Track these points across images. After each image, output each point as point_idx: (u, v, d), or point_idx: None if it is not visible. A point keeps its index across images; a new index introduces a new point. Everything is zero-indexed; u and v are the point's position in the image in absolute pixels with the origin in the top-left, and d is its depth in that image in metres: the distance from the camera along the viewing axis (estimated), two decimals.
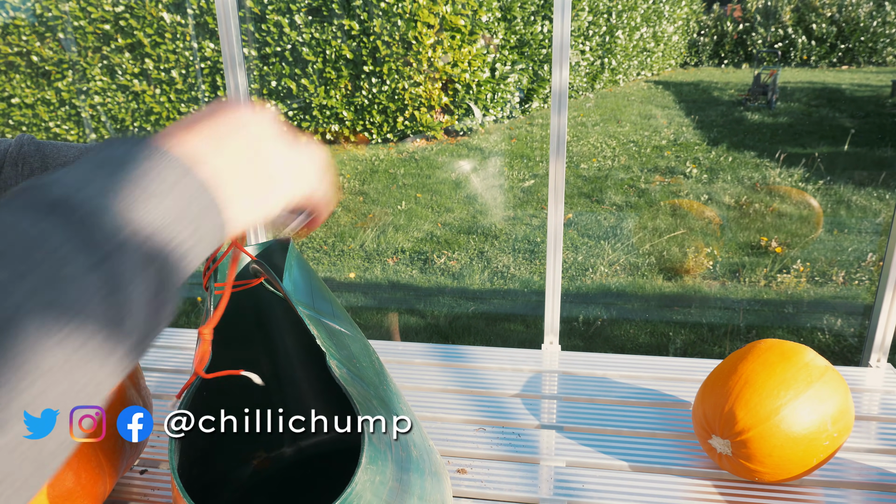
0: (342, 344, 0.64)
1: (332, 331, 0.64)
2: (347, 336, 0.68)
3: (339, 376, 0.57)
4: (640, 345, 2.57)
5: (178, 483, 0.50)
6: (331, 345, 0.60)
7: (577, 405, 0.98)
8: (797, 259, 3.32)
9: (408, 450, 0.61)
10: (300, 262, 0.66)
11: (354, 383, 0.59)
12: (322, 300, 0.67)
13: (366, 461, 0.51)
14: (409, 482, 0.58)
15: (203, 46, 6.01)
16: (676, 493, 0.79)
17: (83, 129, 6.45)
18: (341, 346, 0.63)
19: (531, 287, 3.18)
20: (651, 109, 7.35)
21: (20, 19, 6.09)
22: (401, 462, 0.58)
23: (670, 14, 10.08)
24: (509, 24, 6.25)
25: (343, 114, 5.91)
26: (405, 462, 0.59)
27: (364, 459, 0.51)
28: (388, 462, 0.55)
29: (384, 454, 0.55)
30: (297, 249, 0.66)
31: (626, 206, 4.26)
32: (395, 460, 0.57)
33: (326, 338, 0.60)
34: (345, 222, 4.14)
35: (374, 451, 0.53)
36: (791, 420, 0.72)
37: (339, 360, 0.60)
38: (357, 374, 0.62)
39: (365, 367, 0.66)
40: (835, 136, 5.84)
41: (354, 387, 0.58)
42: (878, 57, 10.37)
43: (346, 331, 0.68)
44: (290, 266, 0.62)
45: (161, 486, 0.83)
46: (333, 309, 0.69)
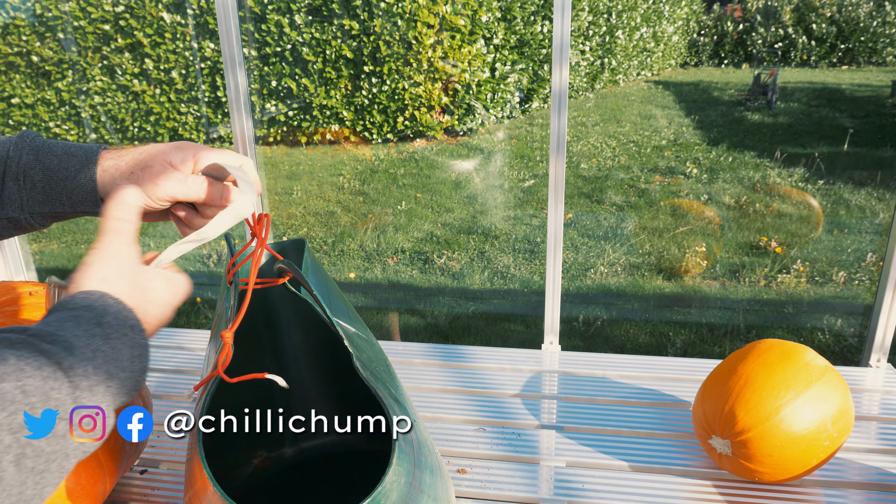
0: (360, 347, 0.64)
1: (350, 333, 0.64)
2: (363, 339, 0.68)
3: (366, 378, 0.57)
4: (640, 345, 2.57)
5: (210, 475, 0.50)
6: (354, 347, 0.60)
7: (577, 405, 0.98)
8: (797, 259, 3.31)
9: (421, 450, 0.61)
10: (316, 264, 0.66)
11: (377, 385, 0.59)
12: (338, 303, 0.67)
13: (395, 461, 0.51)
14: (422, 481, 0.58)
15: (203, 46, 6.01)
16: (676, 493, 0.79)
17: (83, 129, 6.45)
18: (360, 349, 0.63)
19: (531, 287, 3.18)
20: (651, 109, 7.35)
21: (20, 19, 6.09)
22: (417, 462, 0.58)
23: (670, 14, 10.08)
24: (509, 24, 6.25)
25: (343, 114, 5.91)
26: (419, 462, 0.59)
27: (394, 460, 0.51)
28: (409, 462, 0.55)
29: (409, 455, 0.55)
30: (312, 252, 0.66)
31: (626, 206, 4.26)
32: (413, 461, 0.57)
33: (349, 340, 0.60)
34: (345, 222, 4.14)
35: (402, 451, 0.54)
36: (791, 420, 0.72)
37: (363, 362, 0.60)
38: (377, 377, 0.62)
39: (381, 371, 0.66)
40: (835, 136, 5.83)
41: (378, 388, 0.59)
42: (878, 57, 10.36)
43: (361, 334, 0.69)
44: (307, 268, 0.62)
45: (161, 486, 0.83)
46: (349, 312, 0.69)
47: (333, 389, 0.81)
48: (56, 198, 0.56)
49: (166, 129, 6.32)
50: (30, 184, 0.55)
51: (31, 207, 0.56)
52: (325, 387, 0.81)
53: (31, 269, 1.34)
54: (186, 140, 0.54)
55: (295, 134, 6.11)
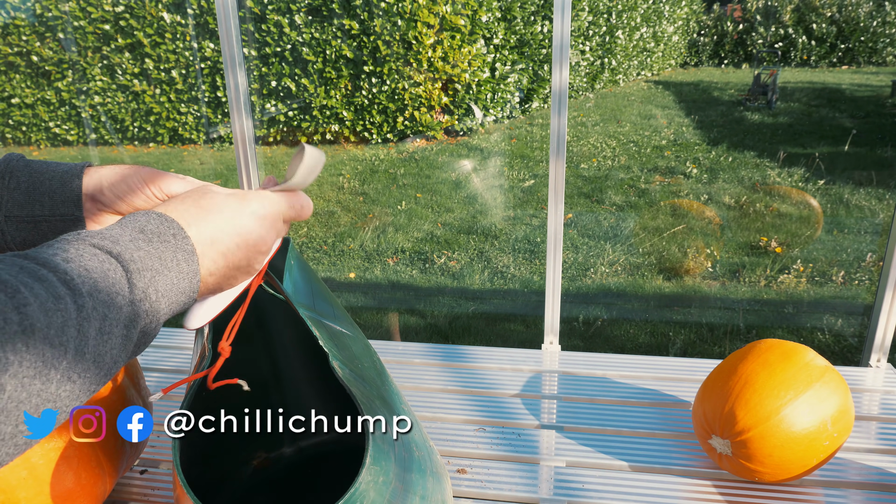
0: (344, 345, 0.64)
1: (334, 332, 0.64)
2: (349, 337, 0.67)
3: (343, 377, 0.57)
4: (640, 345, 2.57)
5: (183, 481, 0.50)
6: (332, 346, 0.60)
7: (577, 405, 0.98)
8: (797, 259, 3.31)
9: (410, 450, 0.61)
10: (300, 263, 0.66)
11: (357, 384, 0.59)
12: (323, 301, 0.67)
13: (370, 461, 0.51)
14: (411, 482, 0.58)
15: (203, 46, 6.01)
16: (676, 493, 0.79)
17: (83, 129, 6.45)
18: (343, 346, 0.63)
19: (531, 287, 3.18)
20: (651, 109, 7.35)
21: (20, 19, 6.09)
22: (403, 462, 0.58)
23: (670, 14, 10.08)
24: (509, 24, 6.25)
25: (343, 114, 5.91)
26: (407, 462, 0.59)
27: (368, 459, 0.51)
28: (392, 462, 0.55)
29: (387, 454, 0.55)
30: (296, 249, 0.66)
31: (626, 206, 4.26)
32: (398, 460, 0.57)
33: (328, 339, 0.60)
34: (345, 222, 4.14)
35: (378, 450, 0.53)
36: (791, 420, 0.72)
37: (342, 360, 0.60)
38: (359, 375, 0.62)
39: (367, 368, 0.65)
40: (835, 136, 5.84)
41: (357, 387, 0.58)
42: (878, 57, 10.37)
43: (347, 332, 0.68)
44: (290, 266, 0.62)
45: (161, 486, 0.83)
46: (334, 310, 0.69)
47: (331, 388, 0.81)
48: (38, 198, 0.57)
49: (166, 129, 6.33)
50: (14, 182, 0.57)
51: (9, 209, 0.57)
52: (320, 385, 0.81)
53: None
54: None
55: (295, 134, 6.11)
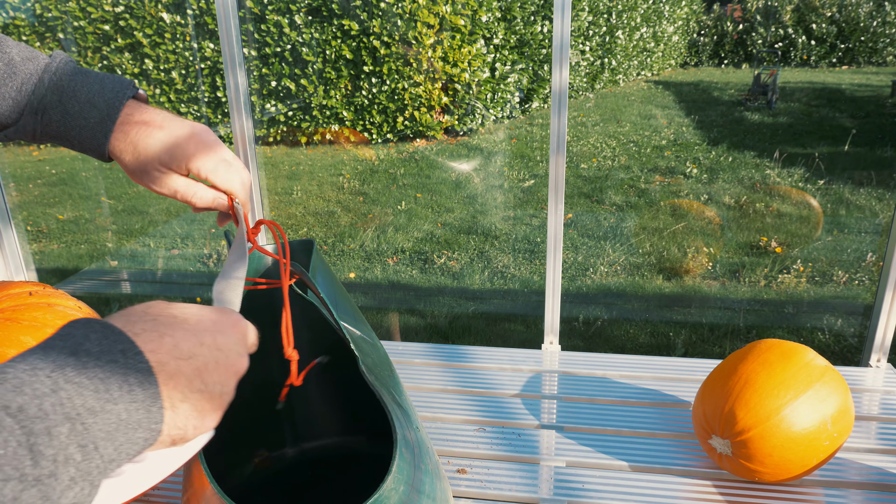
0: (365, 351, 0.64)
1: (355, 337, 0.63)
2: (368, 343, 0.67)
3: (371, 382, 0.57)
4: (640, 345, 2.57)
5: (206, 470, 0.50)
6: (358, 351, 0.60)
7: (577, 405, 0.98)
8: (797, 259, 3.31)
9: (421, 452, 0.61)
10: (323, 266, 0.65)
11: (382, 390, 0.59)
12: (345, 304, 0.67)
13: (396, 469, 0.51)
14: (421, 482, 0.58)
15: (203, 46, 6.00)
16: (676, 493, 0.79)
17: None
18: (365, 352, 0.63)
19: (531, 287, 3.18)
20: (651, 109, 7.35)
21: (20, 19, 6.09)
22: (416, 465, 0.58)
23: (670, 14, 10.08)
24: (509, 24, 6.25)
25: (343, 114, 5.91)
26: (419, 465, 0.59)
27: (394, 467, 0.51)
28: (410, 466, 0.55)
29: (408, 460, 0.55)
30: (320, 252, 0.66)
31: (626, 206, 4.26)
32: (413, 464, 0.57)
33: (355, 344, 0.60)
34: (345, 222, 4.14)
35: (402, 458, 0.53)
36: (791, 420, 0.72)
37: (368, 366, 0.60)
38: (381, 381, 0.61)
39: (384, 375, 0.65)
40: (835, 136, 5.84)
41: (383, 393, 0.58)
42: (878, 57, 10.37)
43: (366, 337, 0.68)
44: (314, 269, 0.62)
45: (161, 485, 0.83)
46: (355, 314, 0.69)
47: (337, 391, 0.81)
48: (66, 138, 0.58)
49: None
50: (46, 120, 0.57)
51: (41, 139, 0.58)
52: (330, 388, 0.81)
53: (31, 268, 1.34)
54: None
55: (295, 134, 6.11)
